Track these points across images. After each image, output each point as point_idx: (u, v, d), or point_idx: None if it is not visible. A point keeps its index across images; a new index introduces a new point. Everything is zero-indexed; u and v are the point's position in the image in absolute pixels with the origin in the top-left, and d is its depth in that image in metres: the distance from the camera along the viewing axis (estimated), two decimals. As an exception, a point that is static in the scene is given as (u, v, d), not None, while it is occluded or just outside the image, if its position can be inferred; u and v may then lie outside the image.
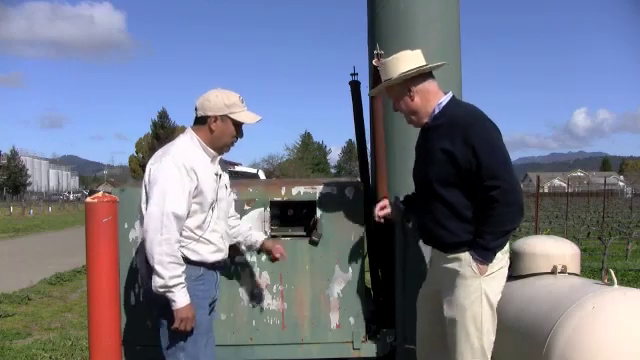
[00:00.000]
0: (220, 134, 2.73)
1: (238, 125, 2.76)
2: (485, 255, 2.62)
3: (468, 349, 2.68)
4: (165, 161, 2.62)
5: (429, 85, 2.73)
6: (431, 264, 2.95)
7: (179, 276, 2.56)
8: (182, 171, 2.60)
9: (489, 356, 2.74)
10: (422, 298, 2.98)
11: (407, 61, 2.72)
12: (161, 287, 2.53)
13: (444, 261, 2.74)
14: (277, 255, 3.06)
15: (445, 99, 2.73)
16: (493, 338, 2.76)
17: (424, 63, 2.74)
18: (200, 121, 2.74)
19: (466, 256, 2.67)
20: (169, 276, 2.52)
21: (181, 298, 2.56)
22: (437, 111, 2.71)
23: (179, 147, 2.70)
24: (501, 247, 2.66)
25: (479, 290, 2.67)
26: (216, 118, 2.70)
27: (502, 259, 2.74)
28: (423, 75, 2.72)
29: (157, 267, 2.52)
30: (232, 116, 2.71)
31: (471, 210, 2.66)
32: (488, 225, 2.58)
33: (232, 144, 2.81)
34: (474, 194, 2.62)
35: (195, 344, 2.69)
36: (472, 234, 2.66)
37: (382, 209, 3.03)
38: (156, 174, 2.62)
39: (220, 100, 2.70)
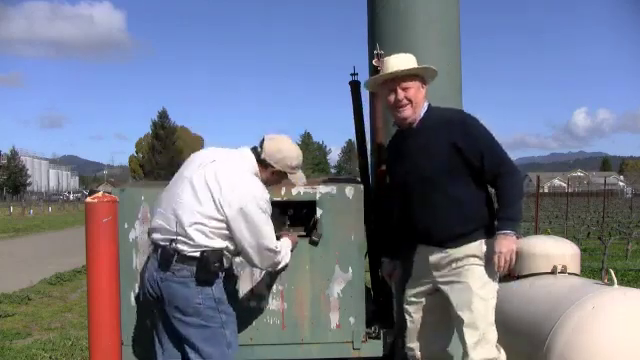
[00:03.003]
0: (271, 182, 2.95)
1: (286, 178, 2.98)
2: (512, 225, 2.72)
3: (480, 340, 2.72)
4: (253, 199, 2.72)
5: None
6: (422, 263, 2.94)
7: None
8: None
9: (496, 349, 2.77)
10: (413, 296, 3.02)
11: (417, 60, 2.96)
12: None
13: (449, 256, 2.80)
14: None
15: (426, 104, 2.93)
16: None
17: None
18: (261, 161, 2.88)
19: (478, 246, 2.76)
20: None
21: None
22: (423, 113, 2.90)
23: (257, 183, 2.80)
24: (518, 218, 2.78)
25: (493, 283, 2.78)
26: (275, 172, 2.90)
27: None
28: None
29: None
30: (289, 176, 2.95)
31: (473, 201, 2.80)
32: (504, 198, 2.74)
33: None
34: (476, 184, 2.79)
35: (235, 336, 2.91)
36: (477, 225, 2.76)
37: (391, 275, 3.19)
38: (252, 212, 2.71)
39: (290, 159, 2.89)
